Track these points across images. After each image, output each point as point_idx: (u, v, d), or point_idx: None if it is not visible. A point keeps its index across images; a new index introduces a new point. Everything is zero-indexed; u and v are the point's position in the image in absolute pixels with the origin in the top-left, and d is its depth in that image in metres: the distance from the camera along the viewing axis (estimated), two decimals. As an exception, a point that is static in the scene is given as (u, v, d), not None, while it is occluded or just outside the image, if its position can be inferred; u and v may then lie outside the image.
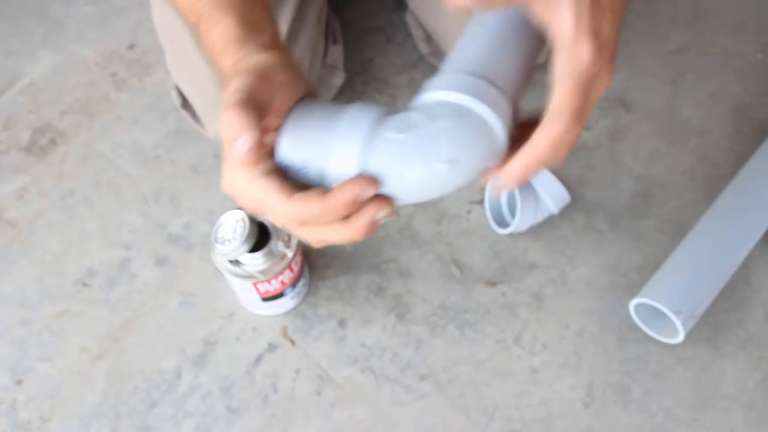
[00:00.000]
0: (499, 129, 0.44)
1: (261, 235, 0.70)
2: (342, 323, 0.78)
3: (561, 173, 0.86)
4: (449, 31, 0.86)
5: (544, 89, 0.44)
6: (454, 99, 0.44)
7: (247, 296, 0.74)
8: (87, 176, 0.88)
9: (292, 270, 0.72)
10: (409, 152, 0.43)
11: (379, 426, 0.73)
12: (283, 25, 0.79)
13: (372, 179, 0.43)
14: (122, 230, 0.84)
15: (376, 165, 0.43)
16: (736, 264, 0.76)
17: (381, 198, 0.43)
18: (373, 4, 1.01)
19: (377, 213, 0.43)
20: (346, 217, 0.44)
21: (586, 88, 0.43)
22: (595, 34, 0.43)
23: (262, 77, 0.44)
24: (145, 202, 0.86)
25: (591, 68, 0.43)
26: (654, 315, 0.76)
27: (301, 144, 0.43)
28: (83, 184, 0.88)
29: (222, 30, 0.48)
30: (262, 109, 0.43)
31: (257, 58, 0.46)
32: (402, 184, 0.43)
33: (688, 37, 0.99)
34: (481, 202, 0.85)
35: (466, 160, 0.43)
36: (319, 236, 0.45)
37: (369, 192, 0.43)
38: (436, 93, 0.45)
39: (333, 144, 0.43)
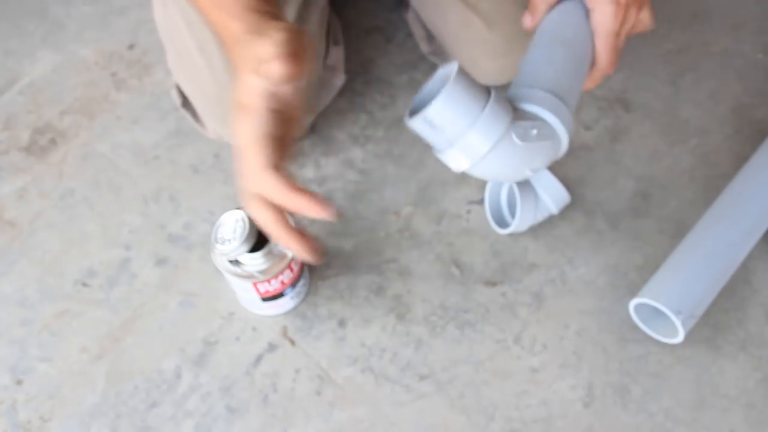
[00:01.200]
0: (564, 151, 0.58)
1: (261, 235, 0.70)
2: (342, 323, 0.78)
3: (561, 173, 0.86)
4: (451, 30, 0.86)
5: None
6: (553, 122, 0.55)
7: (247, 296, 0.74)
8: (87, 176, 0.88)
9: (292, 270, 0.72)
10: (518, 156, 0.54)
11: (379, 426, 0.73)
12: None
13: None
14: (122, 230, 0.84)
15: (495, 155, 0.53)
16: (736, 264, 0.76)
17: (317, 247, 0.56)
18: (373, 4, 1.01)
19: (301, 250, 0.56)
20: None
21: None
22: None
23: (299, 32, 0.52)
24: (145, 202, 0.86)
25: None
26: (654, 315, 0.76)
27: (450, 114, 0.51)
28: (83, 184, 0.88)
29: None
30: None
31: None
32: (496, 171, 0.55)
33: (688, 37, 0.99)
34: (481, 202, 0.85)
35: (539, 170, 0.58)
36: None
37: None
38: (544, 112, 0.55)
39: (476, 129, 0.51)
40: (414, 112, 0.54)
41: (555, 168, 0.86)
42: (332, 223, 0.84)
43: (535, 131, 0.53)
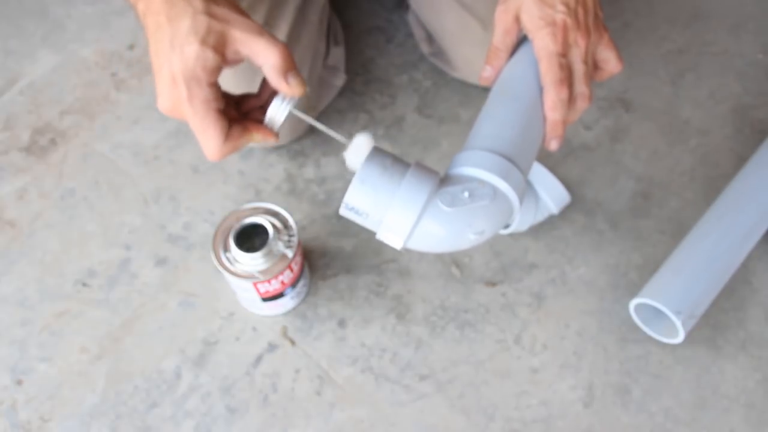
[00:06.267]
0: (517, 207, 0.54)
1: (261, 236, 0.70)
2: (342, 323, 0.78)
3: (561, 173, 0.86)
4: (451, 32, 0.86)
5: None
6: (491, 181, 0.53)
7: (247, 296, 0.74)
8: (87, 176, 0.88)
9: (292, 270, 0.72)
10: (452, 223, 0.52)
11: (379, 426, 0.73)
12: (285, 27, 0.79)
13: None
14: (122, 230, 0.84)
15: (425, 227, 0.52)
16: (736, 264, 0.76)
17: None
18: (373, 4, 1.01)
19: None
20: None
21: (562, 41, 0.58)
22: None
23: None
24: (145, 202, 0.86)
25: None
26: (654, 315, 0.76)
27: (367, 197, 0.51)
28: (83, 184, 0.88)
29: None
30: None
31: None
32: (436, 243, 0.53)
33: (688, 37, 0.99)
34: (481, 202, 0.85)
35: (489, 231, 0.54)
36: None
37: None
38: (477, 171, 0.53)
39: (394, 206, 0.51)
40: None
41: (555, 168, 0.86)
42: (332, 223, 0.84)
43: (466, 194, 0.52)
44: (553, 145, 0.59)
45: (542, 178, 0.79)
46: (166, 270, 0.81)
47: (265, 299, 0.74)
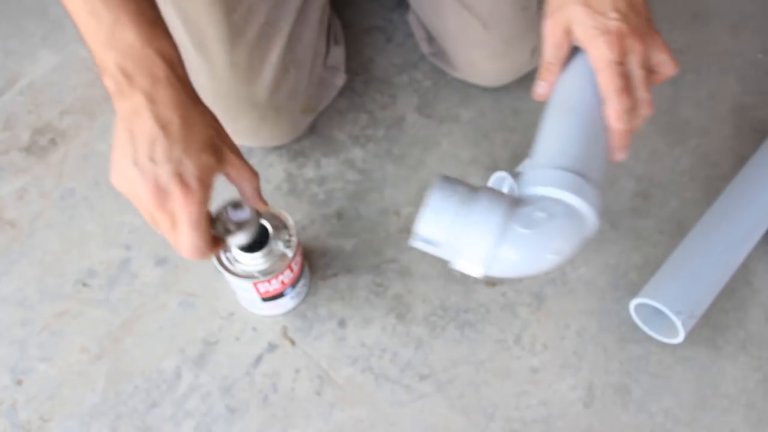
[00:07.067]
0: (595, 224, 0.53)
1: (261, 235, 0.70)
2: (342, 323, 0.78)
3: (561, 173, 0.86)
4: (452, 32, 0.86)
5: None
6: (568, 199, 0.51)
7: (247, 296, 0.74)
8: (87, 176, 0.88)
9: (292, 270, 0.72)
10: (531, 246, 0.50)
11: (379, 426, 0.73)
12: (285, 27, 0.79)
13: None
14: (122, 230, 0.84)
15: (503, 252, 0.50)
16: (736, 264, 0.76)
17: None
18: (373, 4, 1.01)
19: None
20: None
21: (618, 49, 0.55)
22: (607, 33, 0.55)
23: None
24: (145, 202, 0.86)
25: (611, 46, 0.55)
26: (654, 315, 0.76)
27: (440, 227, 0.50)
28: (83, 184, 0.88)
29: None
30: None
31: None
32: (514, 267, 0.51)
33: (688, 37, 0.99)
34: (481, 202, 0.85)
35: (568, 250, 0.52)
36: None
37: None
38: (549, 189, 0.51)
39: (469, 233, 0.50)
40: None
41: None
42: (332, 223, 0.84)
43: (542, 214, 0.50)
44: (621, 156, 0.57)
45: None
46: (166, 270, 0.81)
47: (265, 299, 0.74)
